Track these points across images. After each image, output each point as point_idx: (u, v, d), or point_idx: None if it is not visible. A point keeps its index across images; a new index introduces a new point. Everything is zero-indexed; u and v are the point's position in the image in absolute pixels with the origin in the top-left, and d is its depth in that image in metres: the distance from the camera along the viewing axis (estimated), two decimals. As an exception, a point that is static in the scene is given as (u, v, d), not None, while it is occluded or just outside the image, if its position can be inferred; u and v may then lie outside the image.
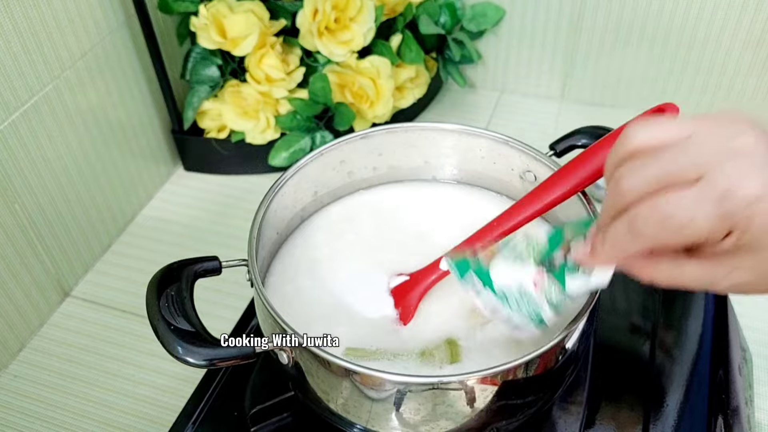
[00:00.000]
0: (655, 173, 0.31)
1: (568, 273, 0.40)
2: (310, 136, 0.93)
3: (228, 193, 0.97)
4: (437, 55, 1.06)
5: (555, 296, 0.41)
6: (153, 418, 0.70)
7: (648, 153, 0.32)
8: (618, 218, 0.33)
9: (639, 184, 0.31)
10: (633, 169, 0.32)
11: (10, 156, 0.71)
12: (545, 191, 0.49)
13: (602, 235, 0.35)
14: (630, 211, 0.32)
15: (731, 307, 0.63)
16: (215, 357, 0.41)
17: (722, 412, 0.55)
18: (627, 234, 0.33)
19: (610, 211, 0.34)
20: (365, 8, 0.88)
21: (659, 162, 0.31)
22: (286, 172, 0.55)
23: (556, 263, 0.41)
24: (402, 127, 0.59)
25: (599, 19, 1.00)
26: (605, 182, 0.35)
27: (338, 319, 0.51)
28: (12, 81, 0.69)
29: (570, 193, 0.48)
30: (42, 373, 0.75)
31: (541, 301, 0.42)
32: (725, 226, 0.30)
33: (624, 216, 0.33)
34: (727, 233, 0.31)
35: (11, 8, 0.68)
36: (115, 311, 0.81)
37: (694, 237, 0.31)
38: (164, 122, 0.96)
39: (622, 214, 0.33)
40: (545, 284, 0.41)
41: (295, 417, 0.54)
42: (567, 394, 0.55)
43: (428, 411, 0.43)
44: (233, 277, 0.52)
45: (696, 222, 0.30)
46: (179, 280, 0.45)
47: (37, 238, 0.76)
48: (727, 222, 0.30)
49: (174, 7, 0.87)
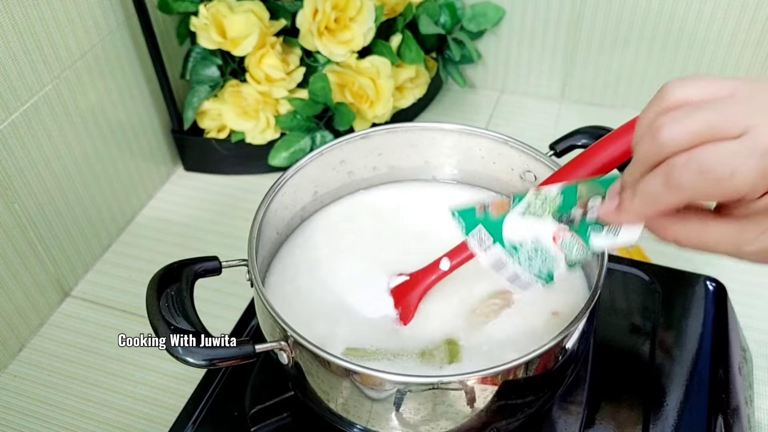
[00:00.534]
0: (698, 124, 0.30)
1: (593, 230, 0.39)
2: (310, 136, 0.93)
3: (228, 193, 0.97)
4: (437, 55, 1.06)
5: (576, 253, 0.40)
6: (153, 417, 0.70)
7: (691, 105, 0.31)
8: (652, 172, 0.32)
9: (681, 133, 0.31)
10: (675, 119, 0.31)
11: (9, 156, 0.71)
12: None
13: (632, 190, 0.34)
14: (668, 162, 0.31)
15: (731, 307, 0.63)
16: (215, 357, 0.41)
17: (722, 412, 0.55)
18: (662, 187, 0.32)
19: (641, 166, 0.33)
20: (365, 8, 0.88)
21: (703, 113, 0.30)
22: (286, 172, 0.55)
23: (575, 220, 0.40)
24: (402, 127, 0.59)
25: (599, 18, 1.00)
26: (637, 139, 0.35)
27: (338, 319, 0.51)
28: (12, 81, 0.69)
29: None
30: (42, 372, 0.75)
31: (559, 257, 0.41)
32: (765, 184, 0.30)
33: (660, 168, 0.32)
34: (765, 192, 0.30)
35: (11, 8, 0.68)
36: (115, 311, 0.81)
37: (733, 192, 0.30)
38: (164, 122, 0.96)
39: (658, 168, 0.32)
40: (567, 240, 0.40)
41: (295, 417, 0.54)
42: (567, 393, 0.55)
43: (428, 411, 0.43)
44: (233, 277, 0.52)
45: (737, 176, 0.29)
46: (179, 280, 0.45)
47: (37, 238, 0.76)
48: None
49: (174, 7, 0.87)
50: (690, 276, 0.65)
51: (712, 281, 0.64)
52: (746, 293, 0.77)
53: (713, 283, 0.64)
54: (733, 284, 0.68)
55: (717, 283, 0.64)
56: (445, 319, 0.51)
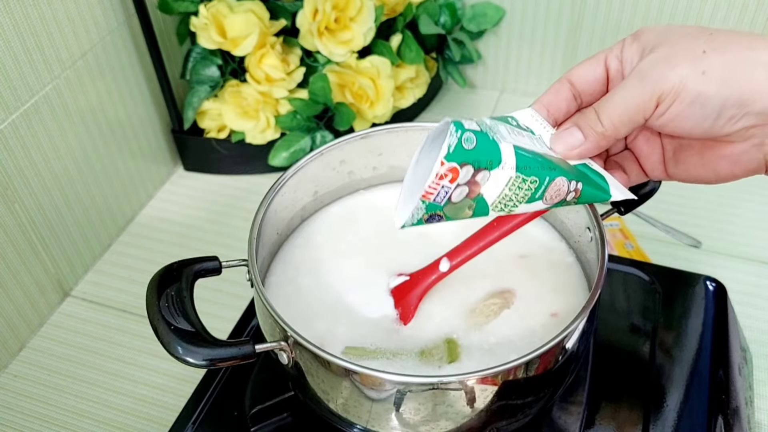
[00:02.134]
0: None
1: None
2: (310, 136, 0.93)
3: (228, 193, 0.97)
4: (437, 55, 1.06)
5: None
6: (153, 417, 0.70)
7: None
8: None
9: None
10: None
11: (10, 156, 0.71)
12: None
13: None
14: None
15: (731, 307, 0.63)
16: (215, 357, 0.41)
17: (722, 413, 0.55)
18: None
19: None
20: (365, 8, 0.88)
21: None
22: (286, 172, 0.55)
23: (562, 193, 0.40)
24: (402, 127, 0.59)
25: (599, 19, 1.00)
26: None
27: (338, 319, 0.51)
28: (12, 81, 0.69)
29: None
30: (42, 372, 0.75)
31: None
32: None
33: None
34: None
35: (11, 8, 0.68)
36: (115, 311, 0.81)
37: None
38: (164, 122, 0.96)
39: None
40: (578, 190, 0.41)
41: (295, 417, 0.54)
42: (567, 394, 0.55)
43: (428, 411, 0.43)
44: (233, 277, 0.52)
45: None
46: (179, 280, 0.45)
47: (37, 237, 0.76)
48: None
49: (174, 7, 0.87)
50: (690, 276, 0.65)
51: (712, 281, 0.64)
52: (746, 293, 0.77)
53: (713, 283, 0.64)
54: (733, 284, 0.68)
55: (717, 283, 0.64)
56: (444, 319, 0.51)
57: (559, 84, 0.43)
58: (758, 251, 0.83)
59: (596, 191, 0.42)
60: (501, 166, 0.38)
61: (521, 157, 0.38)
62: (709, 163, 0.41)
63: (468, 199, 0.38)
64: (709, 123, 0.37)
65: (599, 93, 0.42)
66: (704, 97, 0.36)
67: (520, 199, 0.39)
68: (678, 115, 0.37)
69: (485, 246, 0.48)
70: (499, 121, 0.40)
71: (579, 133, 0.40)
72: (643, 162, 0.45)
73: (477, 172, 0.37)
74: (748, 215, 0.88)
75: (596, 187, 0.42)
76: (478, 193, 0.38)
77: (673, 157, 0.43)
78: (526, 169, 0.38)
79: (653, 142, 0.44)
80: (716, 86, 0.36)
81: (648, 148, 0.44)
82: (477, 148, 0.37)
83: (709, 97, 0.36)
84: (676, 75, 0.36)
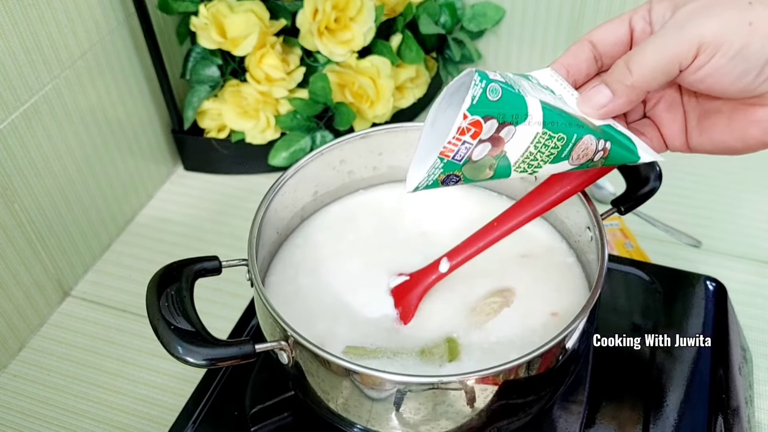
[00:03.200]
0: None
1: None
2: (310, 135, 0.93)
3: (228, 193, 0.97)
4: (437, 55, 1.06)
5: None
6: (153, 417, 0.70)
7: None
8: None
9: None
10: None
11: (9, 156, 0.71)
12: (545, 191, 0.49)
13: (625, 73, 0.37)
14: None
15: (731, 306, 0.64)
16: (215, 357, 0.41)
17: (722, 412, 0.55)
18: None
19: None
20: (365, 8, 0.88)
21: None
22: (286, 171, 0.55)
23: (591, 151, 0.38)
24: (402, 127, 0.59)
25: (599, 19, 1.00)
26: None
27: (338, 319, 0.51)
28: (11, 81, 0.69)
29: (570, 192, 0.48)
30: (42, 372, 0.75)
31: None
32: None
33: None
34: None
35: (11, 8, 0.68)
36: (115, 311, 0.81)
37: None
38: (164, 122, 0.96)
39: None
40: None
41: (295, 417, 0.54)
42: (568, 393, 0.55)
43: (428, 411, 0.43)
44: (233, 276, 0.52)
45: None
46: (179, 279, 0.45)
47: (36, 237, 0.76)
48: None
49: (174, 6, 0.87)
50: (690, 276, 0.65)
51: (712, 281, 0.64)
52: (746, 293, 0.77)
53: (713, 283, 0.64)
54: (733, 284, 0.68)
55: (717, 283, 0.64)
56: (444, 318, 0.51)
57: (579, 45, 0.40)
58: (758, 251, 0.83)
59: (625, 152, 0.39)
60: (527, 121, 0.35)
61: (549, 112, 0.35)
62: (738, 129, 0.38)
63: (490, 157, 0.36)
64: (749, 79, 0.35)
65: (622, 56, 0.39)
66: (749, 51, 0.34)
67: (545, 159, 0.37)
68: (717, 69, 0.35)
69: (485, 246, 0.48)
70: (522, 77, 0.38)
71: (606, 89, 0.38)
72: (663, 131, 0.42)
73: (502, 126, 0.34)
74: (748, 215, 0.88)
75: (624, 148, 0.39)
76: (502, 151, 0.35)
77: (698, 126, 0.40)
78: (553, 125, 0.36)
79: (675, 110, 0.41)
80: (763, 40, 0.33)
81: (669, 116, 0.41)
82: (502, 99, 0.34)
83: (754, 52, 0.34)
84: (719, 23, 0.34)
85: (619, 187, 0.84)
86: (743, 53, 0.34)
